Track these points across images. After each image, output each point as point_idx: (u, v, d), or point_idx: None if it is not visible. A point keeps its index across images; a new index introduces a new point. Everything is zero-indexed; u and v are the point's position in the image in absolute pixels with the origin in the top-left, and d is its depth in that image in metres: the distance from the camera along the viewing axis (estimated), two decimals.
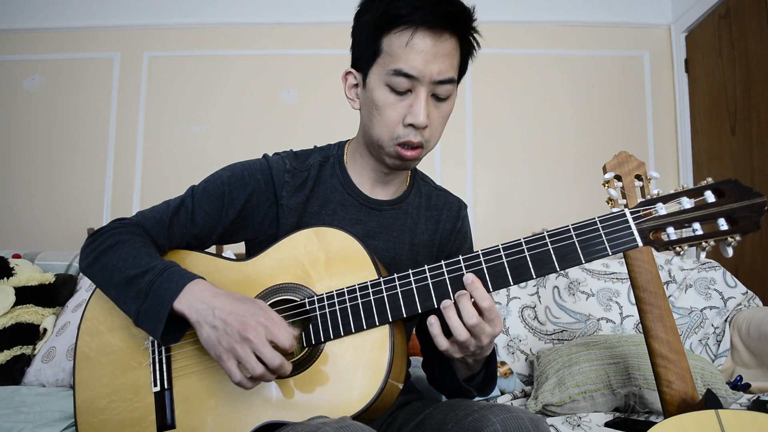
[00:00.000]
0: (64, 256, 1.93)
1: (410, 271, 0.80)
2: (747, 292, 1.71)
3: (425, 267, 0.79)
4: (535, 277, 0.75)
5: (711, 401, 0.90)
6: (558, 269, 0.74)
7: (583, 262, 0.73)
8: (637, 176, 1.04)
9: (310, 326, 0.82)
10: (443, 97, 0.87)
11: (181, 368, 0.86)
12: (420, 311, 0.78)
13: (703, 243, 0.69)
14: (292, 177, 0.96)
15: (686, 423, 0.86)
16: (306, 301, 0.83)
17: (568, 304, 1.72)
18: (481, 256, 0.77)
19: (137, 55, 2.86)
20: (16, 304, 1.65)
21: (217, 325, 0.76)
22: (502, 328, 0.78)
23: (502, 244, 0.77)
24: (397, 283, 0.80)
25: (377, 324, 0.79)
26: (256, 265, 0.89)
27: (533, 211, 2.73)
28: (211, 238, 0.96)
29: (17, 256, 1.86)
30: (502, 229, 2.72)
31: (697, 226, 0.69)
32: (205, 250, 0.96)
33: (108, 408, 0.86)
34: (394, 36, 0.83)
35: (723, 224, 0.68)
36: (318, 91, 2.80)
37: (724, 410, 0.86)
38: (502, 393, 1.52)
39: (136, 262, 0.83)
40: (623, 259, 1.24)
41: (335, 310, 0.81)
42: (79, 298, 1.73)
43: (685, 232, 0.70)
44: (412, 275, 0.79)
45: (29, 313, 1.66)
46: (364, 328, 0.80)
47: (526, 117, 2.78)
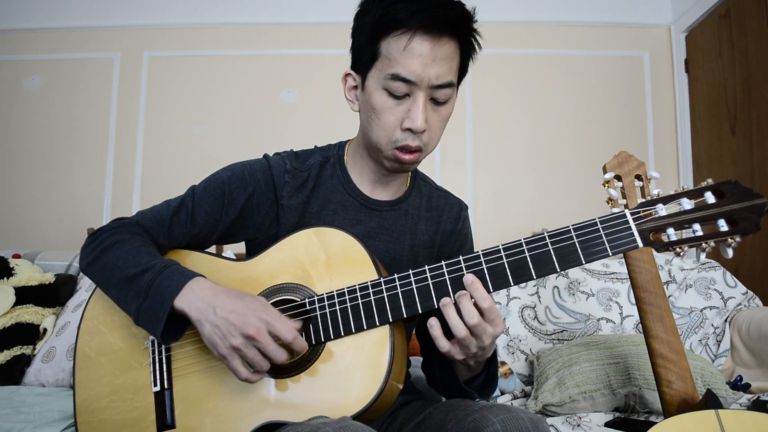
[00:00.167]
0: (64, 256, 1.93)
1: (410, 272, 0.80)
2: (747, 292, 1.71)
3: (426, 267, 0.79)
4: (535, 277, 0.75)
5: (711, 401, 0.90)
6: (558, 270, 0.74)
7: (584, 262, 0.73)
8: (637, 176, 1.04)
9: (310, 326, 0.82)
10: (442, 101, 0.87)
11: (181, 368, 0.86)
12: (420, 311, 0.78)
13: (703, 244, 0.69)
14: (293, 177, 0.95)
15: (686, 423, 0.86)
16: (306, 301, 0.83)
17: (568, 304, 1.72)
18: (482, 256, 0.77)
19: (137, 55, 2.86)
20: (16, 304, 1.65)
21: (219, 324, 0.76)
22: (503, 328, 0.78)
23: (503, 245, 0.77)
24: (397, 284, 0.80)
25: (377, 324, 0.79)
26: (256, 265, 0.89)
27: (533, 211, 2.72)
28: (211, 238, 0.96)
29: (17, 256, 1.86)
30: (502, 229, 2.72)
31: (697, 227, 0.69)
32: (206, 250, 0.96)
33: (108, 408, 0.86)
34: (393, 40, 0.83)
35: (723, 225, 0.68)
36: (318, 91, 2.79)
37: (724, 410, 0.86)
38: (502, 393, 1.52)
39: (136, 261, 0.83)
40: (623, 259, 1.24)
41: (335, 310, 0.81)
42: (79, 298, 1.73)
43: (686, 233, 0.70)
44: (412, 275, 0.79)
45: (29, 313, 1.66)
46: (365, 328, 0.80)
47: (526, 117, 2.78)
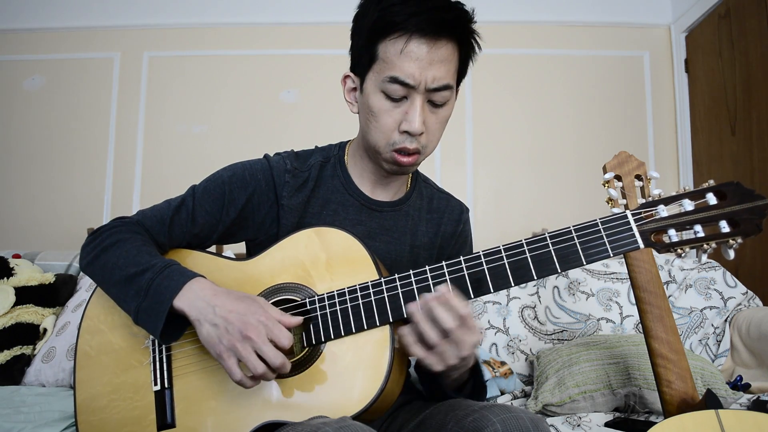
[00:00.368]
0: (64, 256, 1.92)
1: (411, 272, 0.80)
2: (747, 292, 1.71)
3: (426, 267, 0.79)
4: (536, 278, 0.75)
5: (711, 401, 0.90)
6: (559, 270, 0.74)
7: (585, 263, 0.73)
8: (637, 176, 1.04)
9: (311, 326, 0.82)
10: (440, 104, 0.86)
11: (182, 367, 0.86)
12: None
13: (705, 245, 0.69)
14: (293, 177, 0.95)
15: (686, 423, 0.86)
16: (306, 300, 0.83)
17: (568, 304, 1.72)
18: (483, 257, 0.77)
19: (137, 55, 2.86)
20: (16, 304, 1.65)
21: (218, 324, 0.76)
22: (480, 336, 0.76)
23: (504, 245, 0.77)
24: (398, 284, 0.80)
25: (378, 324, 0.79)
26: (257, 265, 0.89)
27: (533, 211, 2.73)
28: (211, 238, 0.96)
29: (17, 256, 1.86)
30: (503, 229, 2.72)
31: (698, 228, 0.69)
32: (206, 250, 0.96)
33: (108, 407, 0.86)
34: (390, 43, 0.82)
35: (724, 226, 0.68)
36: (318, 91, 2.79)
37: (724, 410, 0.86)
38: (502, 393, 1.52)
39: (136, 260, 0.83)
40: (623, 259, 1.24)
41: (336, 310, 0.81)
42: (79, 298, 1.73)
43: (687, 234, 0.70)
44: (413, 275, 0.79)
45: (29, 313, 1.65)
46: (365, 328, 0.80)
47: (526, 117, 2.78)
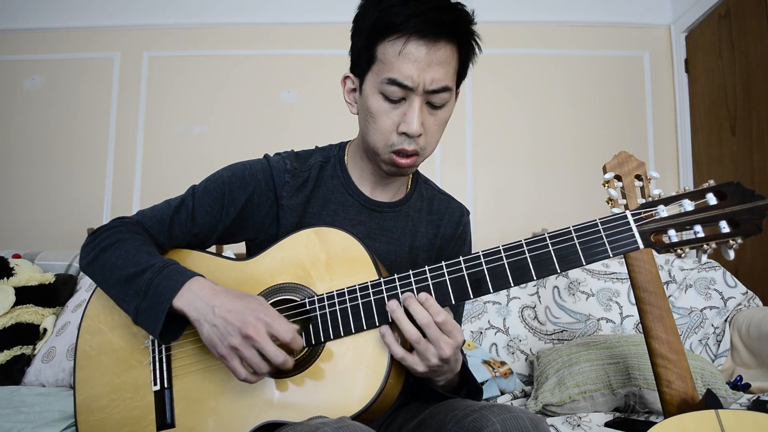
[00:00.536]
0: (64, 256, 1.93)
1: (411, 272, 0.80)
2: (747, 292, 1.71)
3: (426, 267, 0.79)
4: (536, 278, 0.74)
5: (711, 401, 0.90)
6: (559, 271, 0.74)
7: (584, 263, 0.73)
8: (637, 176, 1.04)
9: (310, 326, 0.82)
10: (438, 105, 0.86)
11: (181, 367, 0.86)
12: None
13: (705, 245, 0.69)
14: (293, 177, 0.95)
15: (686, 423, 0.86)
16: (306, 301, 0.83)
17: (568, 304, 1.72)
18: (482, 257, 0.77)
19: (137, 55, 2.86)
20: (16, 304, 1.65)
21: (218, 324, 0.76)
22: (462, 338, 0.77)
23: (503, 245, 0.77)
24: (397, 284, 0.80)
25: (377, 324, 0.79)
26: (256, 265, 0.89)
27: (533, 211, 2.72)
28: (211, 238, 0.96)
29: (17, 256, 1.86)
30: (502, 229, 2.72)
31: (698, 228, 0.69)
32: (206, 250, 0.96)
33: (108, 406, 0.86)
34: (388, 44, 0.82)
35: (724, 227, 0.68)
36: (318, 91, 2.79)
37: (724, 410, 0.86)
38: (502, 393, 1.52)
39: (136, 260, 0.83)
40: (623, 259, 1.25)
41: (335, 310, 0.81)
42: (79, 298, 1.73)
43: (687, 235, 0.70)
44: (412, 276, 0.79)
45: (29, 313, 1.66)
46: (364, 328, 0.80)
47: (526, 117, 2.78)
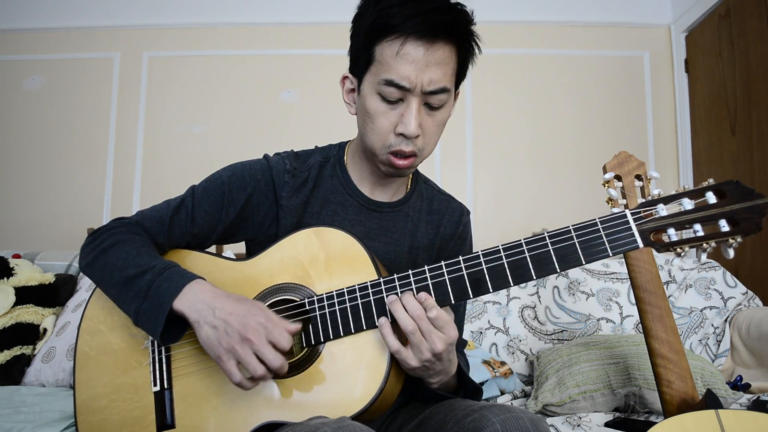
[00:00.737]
0: (64, 256, 1.93)
1: (410, 272, 0.80)
2: (747, 292, 1.71)
3: (425, 267, 0.79)
4: (535, 278, 0.74)
5: (711, 401, 0.90)
6: (558, 270, 0.74)
7: (584, 263, 0.73)
8: (637, 176, 1.04)
9: (310, 326, 0.82)
10: (436, 106, 0.86)
11: (181, 368, 0.86)
12: None
13: (704, 244, 0.69)
14: (293, 177, 0.95)
15: (686, 423, 0.86)
16: (306, 301, 0.83)
17: (568, 304, 1.72)
18: (482, 256, 0.77)
19: (137, 55, 2.86)
20: (16, 304, 1.65)
21: (218, 326, 0.76)
22: (455, 334, 0.77)
23: (503, 245, 0.77)
24: (397, 284, 0.80)
25: (377, 325, 0.79)
26: (256, 265, 0.89)
27: (533, 211, 2.72)
28: (211, 238, 0.96)
29: (17, 256, 1.86)
30: (502, 229, 2.72)
31: (698, 227, 0.69)
32: (206, 250, 0.96)
33: (108, 407, 0.86)
34: (386, 44, 0.82)
35: (724, 225, 0.68)
36: (318, 91, 2.79)
37: (724, 410, 0.86)
38: (502, 393, 1.52)
39: (136, 261, 0.83)
40: (623, 259, 1.24)
41: (335, 311, 0.81)
42: (79, 298, 1.73)
43: (686, 234, 0.70)
44: (412, 276, 0.79)
45: (29, 313, 1.66)
46: (364, 328, 0.80)
47: (526, 117, 2.78)
